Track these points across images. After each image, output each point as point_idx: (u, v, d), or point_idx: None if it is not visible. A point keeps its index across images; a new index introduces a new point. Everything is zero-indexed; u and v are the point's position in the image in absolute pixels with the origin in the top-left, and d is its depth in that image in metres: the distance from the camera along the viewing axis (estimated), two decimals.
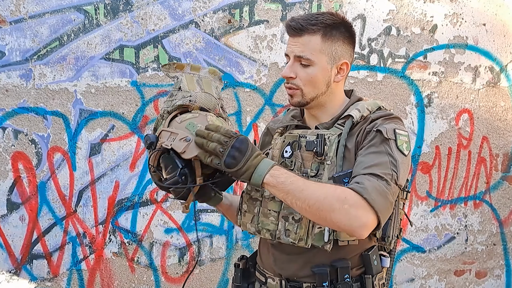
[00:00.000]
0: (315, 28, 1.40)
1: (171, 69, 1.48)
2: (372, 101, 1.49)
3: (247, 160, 1.23)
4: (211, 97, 1.42)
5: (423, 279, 3.33)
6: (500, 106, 3.39)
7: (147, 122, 2.74)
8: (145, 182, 2.75)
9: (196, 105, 1.38)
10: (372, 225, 1.26)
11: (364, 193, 1.23)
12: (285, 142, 1.48)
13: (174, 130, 1.31)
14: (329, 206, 1.23)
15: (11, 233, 2.58)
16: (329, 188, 1.27)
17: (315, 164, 1.40)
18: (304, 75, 1.42)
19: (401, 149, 1.35)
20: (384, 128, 1.35)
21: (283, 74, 1.44)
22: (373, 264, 1.44)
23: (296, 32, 1.41)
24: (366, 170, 1.29)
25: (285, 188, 1.25)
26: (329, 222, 1.26)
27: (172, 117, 1.38)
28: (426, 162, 3.25)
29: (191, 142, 1.27)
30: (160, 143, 1.33)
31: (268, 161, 1.26)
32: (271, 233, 1.42)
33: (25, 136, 2.56)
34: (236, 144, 1.23)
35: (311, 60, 1.40)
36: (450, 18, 3.21)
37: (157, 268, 2.81)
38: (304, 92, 1.43)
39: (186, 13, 2.74)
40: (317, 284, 1.40)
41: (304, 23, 1.39)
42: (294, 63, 1.42)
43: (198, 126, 1.29)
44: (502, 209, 3.47)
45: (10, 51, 2.51)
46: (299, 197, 1.24)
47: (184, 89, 1.41)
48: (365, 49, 3.05)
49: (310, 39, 1.40)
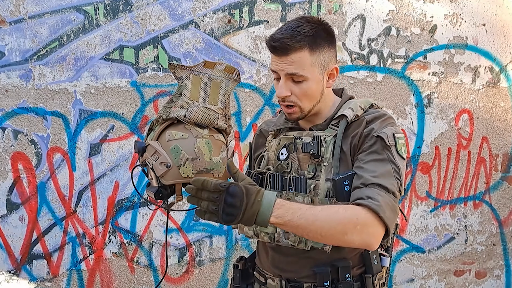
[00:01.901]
0: (301, 44, 1.36)
1: (178, 68, 1.40)
2: (364, 99, 1.49)
3: (244, 211, 1.13)
4: (210, 111, 1.37)
5: (422, 279, 3.33)
6: (500, 106, 3.39)
7: (147, 122, 2.74)
8: (145, 182, 2.75)
9: (191, 122, 1.35)
10: (381, 237, 1.29)
11: (380, 212, 1.24)
12: (281, 144, 1.47)
13: (159, 149, 1.31)
14: (341, 231, 1.23)
15: (10, 233, 2.58)
16: (338, 211, 1.24)
17: (312, 166, 1.40)
18: (299, 91, 1.40)
19: (400, 154, 1.36)
20: (385, 135, 1.35)
21: (279, 95, 1.40)
22: (373, 263, 1.44)
23: (282, 52, 1.37)
24: (374, 180, 1.29)
25: (294, 224, 1.19)
26: (343, 243, 1.28)
27: (163, 128, 1.37)
28: (426, 162, 3.25)
29: (170, 169, 1.28)
30: (144, 156, 1.35)
31: (268, 202, 1.16)
32: (270, 236, 1.42)
33: (24, 137, 2.56)
34: (228, 200, 1.11)
35: (304, 76, 1.38)
36: (450, 18, 3.21)
37: (157, 268, 2.81)
38: (302, 107, 1.42)
39: (185, 14, 2.74)
40: (318, 284, 1.40)
41: (289, 41, 1.35)
42: (286, 81, 1.39)
43: (181, 154, 1.28)
44: (502, 209, 3.47)
45: (9, 51, 2.51)
46: (311, 229, 1.21)
47: (184, 98, 1.37)
48: (365, 49, 3.05)
49: (299, 55, 1.36)
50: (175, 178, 1.29)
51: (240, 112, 2.86)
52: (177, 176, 1.29)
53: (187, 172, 1.28)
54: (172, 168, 1.28)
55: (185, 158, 1.28)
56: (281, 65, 1.38)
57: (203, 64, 1.40)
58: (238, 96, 2.86)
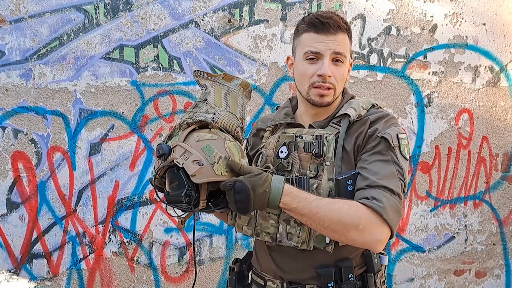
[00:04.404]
0: (346, 26, 1.42)
1: (203, 77, 1.44)
2: (365, 99, 1.49)
3: (253, 203, 1.22)
4: (234, 118, 1.39)
5: (422, 279, 3.33)
6: (500, 106, 3.39)
7: (147, 121, 2.74)
8: (145, 181, 2.75)
9: (217, 125, 1.35)
10: (386, 239, 1.29)
11: (384, 214, 1.25)
12: (280, 142, 1.45)
13: (190, 149, 1.28)
14: (343, 227, 1.25)
15: (11, 233, 2.58)
16: (342, 208, 1.26)
17: (313, 165, 1.38)
18: (338, 73, 1.42)
19: (404, 154, 1.36)
20: (389, 136, 1.35)
21: (325, 73, 1.39)
22: (374, 262, 1.45)
23: (333, 29, 1.39)
24: (379, 182, 1.29)
25: (299, 212, 1.26)
26: (345, 240, 1.29)
27: (190, 131, 1.34)
28: (426, 162, 3.25)
29: (203, 167, 1.25)
30: (172, 157, 1.30)
31: (276, 189, 1.24)
32: (271, 236, 1.40)
33: (24, 136, 2.56)
34: (236, 197, 1.22)
35: (346, 58, 1.42)
36: (450, 17, 3.21)
37: (157, 267, 2.81)
38: (336, 91, 1.44)
39: (186, 13, 2.74)
40: (321, 285, 1.39)
41: (340, 21, 1.41)
42: (330, 62, 1.41)
43: (215, 152, 1.27)
44: (502, 209, 3.47)
45: (10, 50, 2.51)
46: (314, 220, 1.26)
47: (210, 103, 1.38)
48: (365, 49, 3.05)
49: (343, 37, 1.41)
50: (208, 176, 1.25)
51: None
52: (210, 174, 1.25)
53: (221, 170, 1.26)
54: (206, 166, 1.25)
55: (218, 156, 1.27)
56: (328, 43, 1.40)
57: (223, 76, 1.43)
58: None
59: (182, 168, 1.26)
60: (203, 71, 1.44)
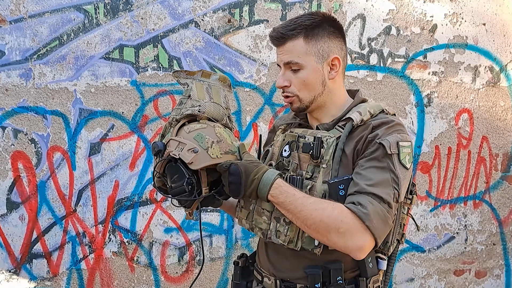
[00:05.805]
0: (295, 32, 1.40)
1: (182, 76, 1.50)
2: (375, 104, 1.46)
3: (245, 187, 1.29)
4: (220, 107, 1.44)
5: (422, 279, 3.33)
6: (500, 106, 3.39)
7: (147, 121, 2.74)
8: (145, 181, 2.75)
9: (205, 116, 1.41)
10: (368, 248, 1.28)
11: (366, 220, 1.24)
12: (285, 141, 1.47)
13: (183, 140, 1.34)
14: (325, 229, 1.26)
15: (10, 233, 2.58)
16: (325, 208, 1.27)
17: (311, 166, 1.38)
18: (297, 81, 1.42)
19: (403, 163, 1.33)
20: (387, 142, 1.32)
21: (277, 85, 1.45)
22: (368, 266, 1.42)
23: (279, 41, 1.42)
24: (369, 189, 1.27)
25: (285, 207, 1.30)
26: (327, 243, 1.30)
27: (180, 125, 1.40)
28: (426, 161, 3.25)
29: (198, 154, 1.31)
30: (168, 151, 1.36)
31: (267, 180, 1.29)
32: (263, 232, 1.42)
33: (24, 136, 2.56)
34: (230, 178, 1.29)
35: (299, 64, 1.40)
36: (450, 17, 3.21)
37: (157, 267, 2.82)
38: (301, 98, 1.44)
39: (186, 13, 2.74)
40: (309, 285, 1.39)
41: (283, 30, 1.41)
42: (285, 71, 1.43)
43: (206, 138, 1.33)
44: (502, 209, 3.47)
45: (9, 50, 2.51)
46: (298, 217, 1.28)
47: (194, 97, 1.43)
48: (365, 49, 3.05)
49: (293, 44, 1.40)
50: (205, 161, 1.31)
51: (240, 112, 2.86)
52: (206, 159, 1.31)
53: (216, 153, 1.32)
54: (200, 152, 1.31)
55: (211, 141, 1.33)
56: (280, 55, 1.44)
57: (201, 73, 1.49)
58: (238, 96, 2.86)
59: (179, 159, 1.32)
60: (181, 70, 1.50)
